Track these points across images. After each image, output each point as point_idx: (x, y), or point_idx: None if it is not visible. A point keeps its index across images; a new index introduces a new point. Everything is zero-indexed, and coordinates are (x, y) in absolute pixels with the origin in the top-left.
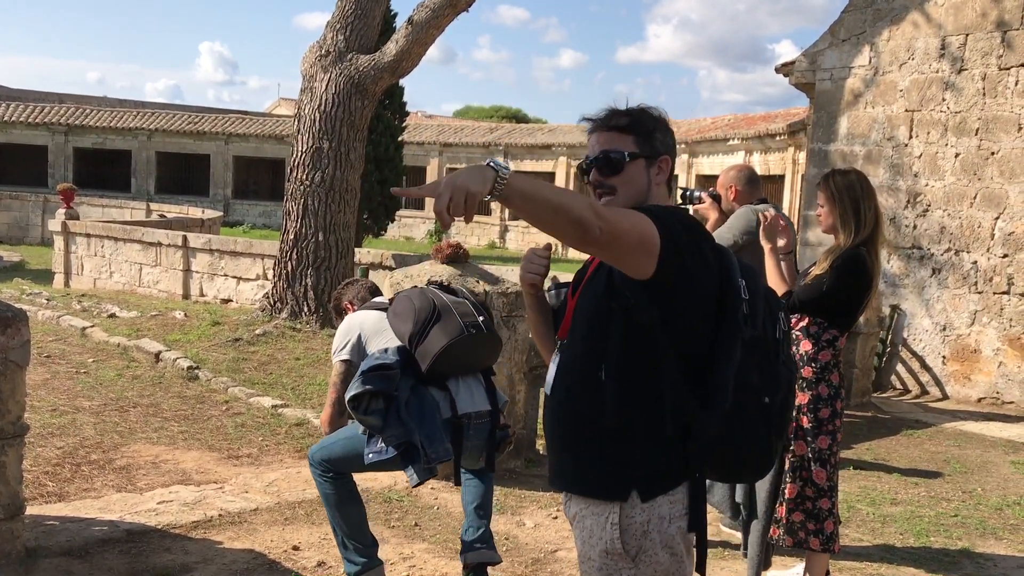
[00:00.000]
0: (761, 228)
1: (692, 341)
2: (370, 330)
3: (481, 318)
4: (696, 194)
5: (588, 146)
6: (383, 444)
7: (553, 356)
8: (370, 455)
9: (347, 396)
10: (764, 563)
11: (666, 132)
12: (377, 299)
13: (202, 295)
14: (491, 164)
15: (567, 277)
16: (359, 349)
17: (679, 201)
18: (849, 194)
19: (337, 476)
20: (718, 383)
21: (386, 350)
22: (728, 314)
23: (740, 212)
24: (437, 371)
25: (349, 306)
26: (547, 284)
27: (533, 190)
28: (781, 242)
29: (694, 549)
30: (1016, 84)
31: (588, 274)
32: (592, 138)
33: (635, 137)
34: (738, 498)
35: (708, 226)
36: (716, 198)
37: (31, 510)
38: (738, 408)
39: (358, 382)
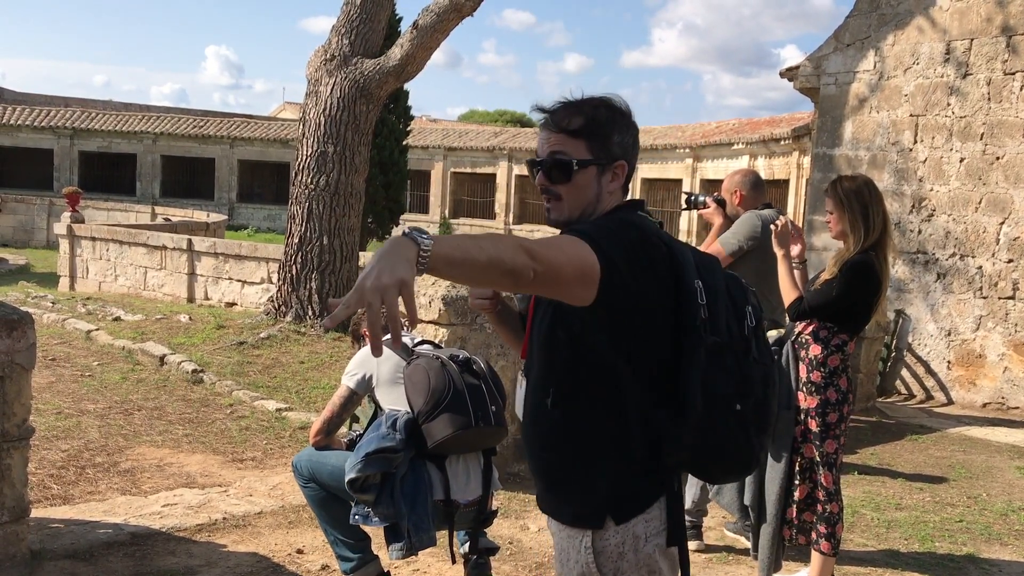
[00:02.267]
0: (774, 235)
1: (650, 355)
2: (384, 378)
3: (494, 408)
4: (700, 199)
5: (538, 142)
6: (371, 511)
7: (519, 378)
8: (356, 516)
9: (347, 478)
10: (775, 565)
11: (625, 132)
12: None
13: (207, 298)
14: (407, 234)
15: None
16: (367, 386)
17: (684, 206)
18: (858, 199)
19: (320, 484)
20: (685, 394)
21: (394, 423)
22: (686, 323)
23: (745, 217)
24: (438, 452)
25: (367, 333)
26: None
27: (460, 255)
28: (795, 250)
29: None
30: (1021, 89)
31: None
32: (542, 135)
33: (588, 142)
34: (747, 500)
35: (712, 231)
36: (720, 203)
37: (36, 513)
38: (709, 414)
39: (361, 463)
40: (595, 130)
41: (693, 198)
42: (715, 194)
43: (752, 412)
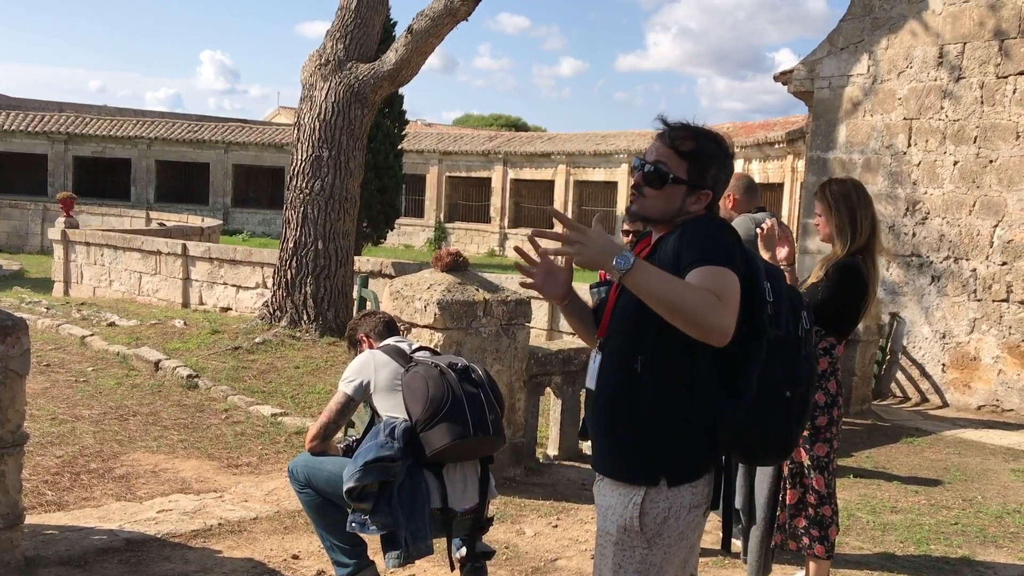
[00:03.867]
0: (760, 238)
1: None
2: (382, 385)
3: (492, 416)
4: None
5: (649, 148)
6: (368, 519)
7: (593, 354)
8: (353, 524)
9: (345, 487)
10: (764, 569)
11: (721, 168)
12: (395, 339)
13: (201, 303)
14: (616, 260)
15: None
16: (364, 393)
17: None
18: (846, 203)
19: (316, 490)
20: (745, 378)
21: (392, 431)
22: (754, 316)
23: (738, 221)
24: (436, 460)
25: (364, 338)
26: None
27: (661, 284)
28: (782, 252)
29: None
30: (1014, 92)
31: None
32: (656, 143)
33: (689, 165)
34: (737, 504)
35: None
36: None
37: (30, 519)
38: (762, 401)
39: (360, 472)
40: (698, 158)
41: None
42: None
43: (796, 403)
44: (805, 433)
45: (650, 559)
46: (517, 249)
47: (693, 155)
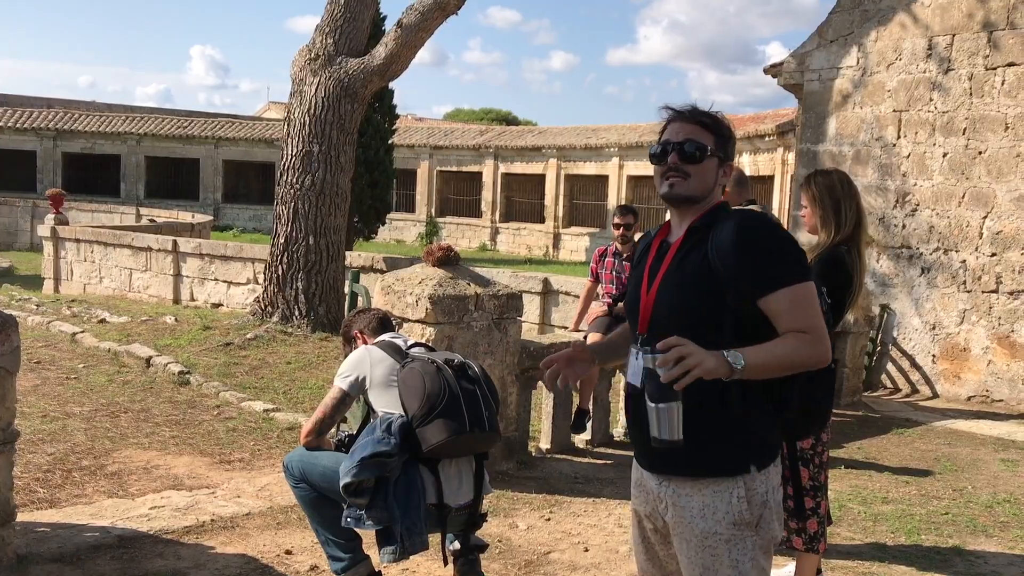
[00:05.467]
0: None
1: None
2: (378, 380)
3: (487, 412)
4: None
5: (668, 132)
6: (364, 514)
7: (634, 350)
8: (348, 519)
9: (342, 482)
10: None
11: (734, 143)
12: (391, 336)
13: (192, 299)
14: (732, 361)
15: (563, 279)
16: (360, 388)
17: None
18: (830, 194)
19: (311, 485)
20: None
21: (388, 427)
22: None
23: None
24: (432, 456)
25: (359, 335)
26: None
27: (769, 360)
28: None
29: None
30: (1002, 84)
31: (665, 267)
32: (673, 126)
33: (715, 137)
34: None
35: None
36: None
37: (22, 517)
38: (812, 383)
39: (356, 468)
40: (721, 130)
41: None
42: None
43: (835, 374)
44: None
45: (759, 542)
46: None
47: (716, 128)
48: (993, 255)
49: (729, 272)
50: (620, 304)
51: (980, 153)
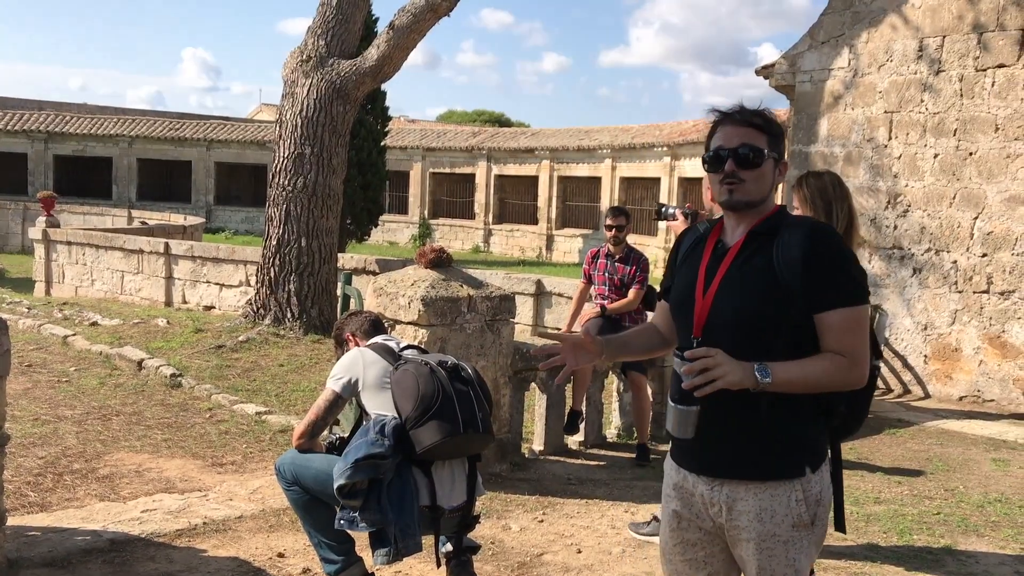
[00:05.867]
0: None
1: None
2: (371, 382)
3: (481, 414)
4: (670, 211)
5: (720, 137)
6: (357, 516)
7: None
8: (342, 521)
9: (336, 484)
10: None
11: (784, 139)
12: (383, 338)
13: (184, 302)
14: (759, 374)
15: (556, 281)
16: (353, 390)
17: (654, 217)
18: (822, 196)
19: (303, 488)
20: None
21: (382, 429)
22: None
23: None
24: (425, 458)
25: (351, 337)
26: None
27: (798, 378)
28: None
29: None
30: (992, 85)
31: (724, 270)
32: (724, 130)
33: (769, 137)
34: None
35: None
36: (690, 216)
37: (12, 521)
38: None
39: (350, 469)
40: (773, 129)
41: (663, 209)
42: (686, 206)
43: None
44: None
45: (814, 539)
46: (539, 354)
47: (768, 128)
48: (984, 256)
49: (795, 283)
50: (613, 305)
51: (971, 154)
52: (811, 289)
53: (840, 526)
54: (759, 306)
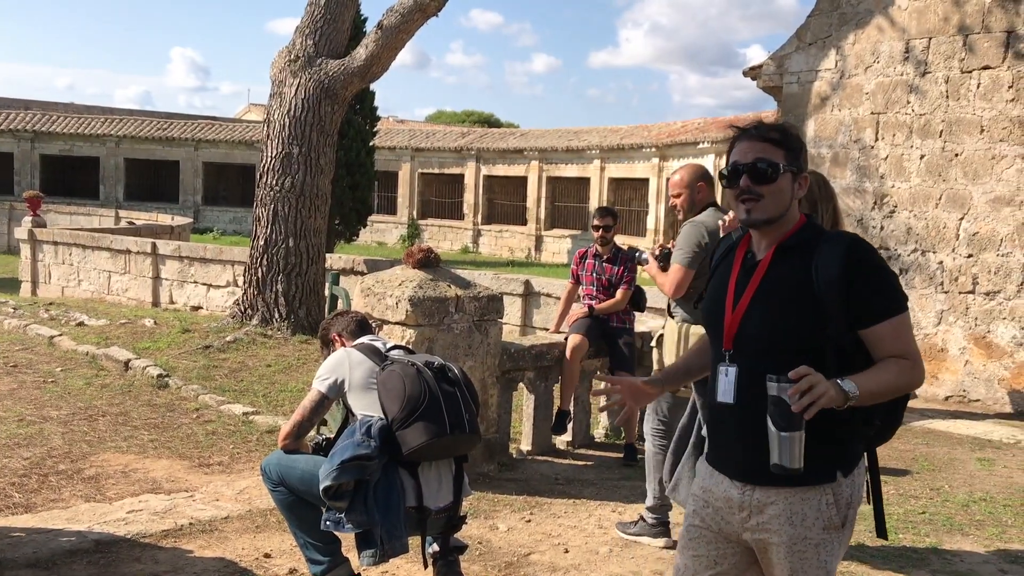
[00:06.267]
0: (722, 229)
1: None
2: (357, 383)
3: (468, 415)
4: (643, 256)
5: (737, 152)
6: (343, 517)
7: (722, 366)
8: (328, 522)
9: (322, 485)
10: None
11: (806, 153)
12: (370, 338)
13: (172, 302)
14: (848, 391)
15: (544, 281)
16: (339, 391)
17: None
18: (807, 196)
19: (289, 488)
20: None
21: (368, 430)
22: None
23: (708, 213)
24: (412, 459)
25: (337, 337)
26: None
27: (879, 388)
28: None
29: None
30: (978, 87)
31: (756, 284)
32: (741, 145)
33: (786, 152)
34: (665, 477)
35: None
36: (661, 258)
37: None
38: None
39: (336, 471)
40: (791, 143)
41: (637, 255)
42: (657, 247)
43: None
44: None
45: (843, 539)
46: (598, 393)
47: (785, 142)
48: (969, 256)
49: (833, 300)
50: (600, 306)
51: (956, 155)
52: (855, 307)
53: (882, 532)
54: (791, 322)
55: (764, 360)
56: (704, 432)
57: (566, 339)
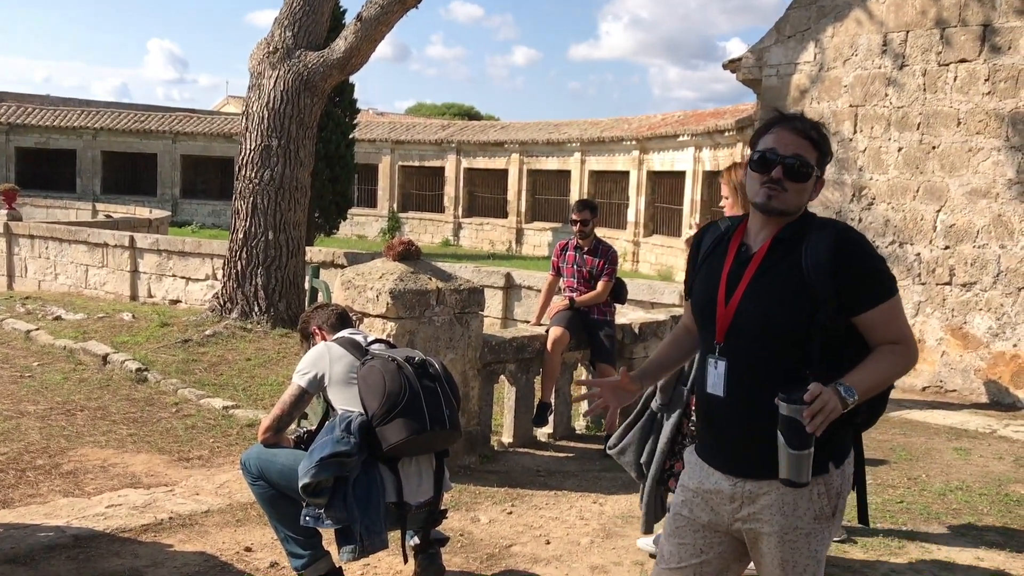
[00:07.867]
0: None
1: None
2: (337, 378)
3: (448, 411)
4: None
5: (775, 140)
6: (323, 513)
7: (711, 359)
8: (307, 517)
9: (301, 483)
10: (654, 517)
11: (830, 158)
12: (350, 332)
13: (150, 296)
14: (847, 397)
15: (525, 274)
16: (319, 385)
17: None
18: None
19: (269, 483)
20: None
21: (348, 426)
22: None
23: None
24: (392, 455)
25: (317, 331)
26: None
27: (875, 384)
28: None
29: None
30: (955, 80)
31: (750, 276)
32: (782, 135)
33: (819, 155)
34: (643, 459)
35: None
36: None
37: None
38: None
39: (316, 468)
40: (825, 147)
41: None
42: None
43: None
44: None
45: (833, 528)
46: (579, 386)
47: (821, 144)
48: (946, 248)
49: (825, 289)
50: (581, 298)
51: (934, 148)
52: (845, 294)
53: (864, 519)
54: (785, 314)
55: (756, 353)
56: (655, 405)
57: (547, 331)
